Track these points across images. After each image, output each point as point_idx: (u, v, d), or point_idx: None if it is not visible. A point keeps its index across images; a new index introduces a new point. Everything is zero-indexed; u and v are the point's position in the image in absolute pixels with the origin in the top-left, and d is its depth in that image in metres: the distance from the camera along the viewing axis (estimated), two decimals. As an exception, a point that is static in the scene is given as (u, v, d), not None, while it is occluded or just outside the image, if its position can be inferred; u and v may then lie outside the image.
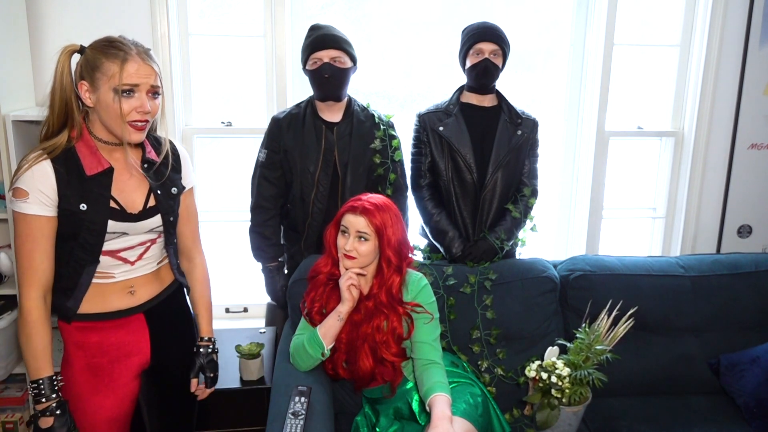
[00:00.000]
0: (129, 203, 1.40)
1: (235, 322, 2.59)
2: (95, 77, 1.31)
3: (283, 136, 1.99)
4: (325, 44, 1.91)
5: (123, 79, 1.29)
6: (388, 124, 2.08)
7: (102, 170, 1.36)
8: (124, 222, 1.39)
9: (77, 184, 1.33)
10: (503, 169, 2.05)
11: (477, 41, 1.99)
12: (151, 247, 1.48)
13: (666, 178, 2.81)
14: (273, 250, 2.09)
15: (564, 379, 1.62)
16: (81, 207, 1.32)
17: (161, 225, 1.46)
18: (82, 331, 1.42)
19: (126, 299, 1.46)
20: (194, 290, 1.63)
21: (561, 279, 2.09)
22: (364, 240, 1.60)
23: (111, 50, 1.31)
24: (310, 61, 1.94)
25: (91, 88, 1.32)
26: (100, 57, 1.31)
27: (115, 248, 1.40)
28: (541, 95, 2.75)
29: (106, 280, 1.42)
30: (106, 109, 1.32)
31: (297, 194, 2.00)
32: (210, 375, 1.62)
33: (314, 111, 2.01)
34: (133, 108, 1.32)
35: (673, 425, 1.88)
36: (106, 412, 1.45)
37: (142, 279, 1.48)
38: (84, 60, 1.33)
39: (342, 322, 1.63)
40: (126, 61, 1.30)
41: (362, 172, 2.01)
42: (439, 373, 1.61)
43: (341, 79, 1.94)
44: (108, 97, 1.30)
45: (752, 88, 2.63)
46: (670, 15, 2.68)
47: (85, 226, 1.34)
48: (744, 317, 2.11)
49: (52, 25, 2.24)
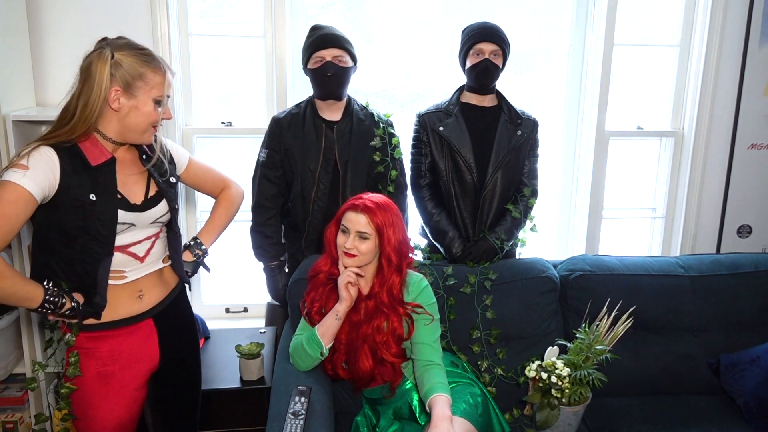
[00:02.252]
0: (131, 195, 1.42)
1: (235, 322, 2.59)
2: (135, 85, 1.34)
3: (283, 136, 2.00)
4: (327, 43, 1.92)
5: (166, 91, 1.38)
6: (387, 122, 2.09)
7: (106, 160, 1.37)
8: (131, 212, 1.40)
9: (84, 175, 1.33)
10: (503, 169, 2.04)
11: (477, 41, 1.99)
12: (156, 242, 1.50)
13: (666, 178, 2.81)
14: (274, 249, 2.09)
15: (564, 379, 1.62)
16: (91, 197, 1.33)
17: (166, 214, 1.48)
18: (93, 340, 1.43)
19: (135, 305, 1.47)
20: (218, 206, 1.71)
21: (561, 279, 2.09)
22: (364, 238, 1.61)
23: (149, 59, 1.36)
24: (312, 60, 1.95)
25: (125, 95, 1.34)
26: (143, 67, 1.34)
27: (125, 243, 1.42)
28: (541, 95, 2.75)
29: (118, 281, 1.43)
30: (138, 116, 1.36)
31: (298, 193, 2.01)
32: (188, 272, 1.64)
33: (314, 110, 2.02)
34: (161, 115, 1.41)
35: (673, 425, 1.88)
36: (116, 420, 1.47)
37: (150, 280, 1.50)
38: (119, 67, 1.33)
39: (340, 321, 1.63)
40: (166, 72, 1.38)
41: (362, 170, 2.02)
42: (440, 374, 1.61)
43: (343, 77, 1.95)
44: (148, 105, 1.36)
45: (752, 88, 2.63)
46: (670, 15, 2.68)
47: (96, 217, 1.34)
48: (744, 317, 2.11)
49: (52, 25, 2.24)
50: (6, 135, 2.00)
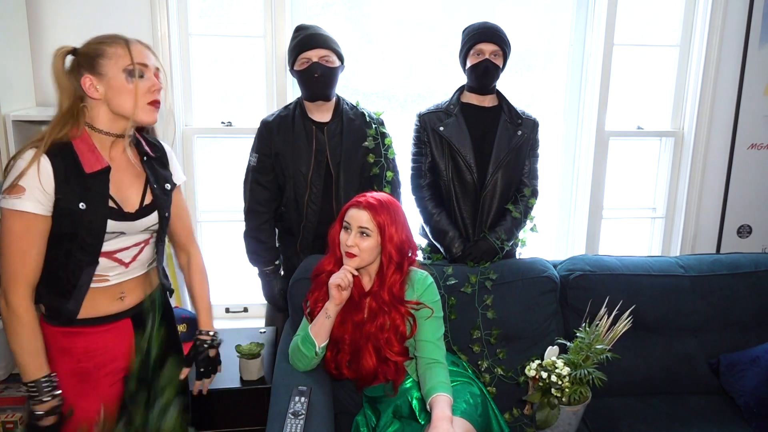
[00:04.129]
0: (125, 201, 1.39)
1: (235, 322, 2.59)
2: (99, 65, 1.30)
3: (273, 139, 1.98)
4: (313, 44, 1.91)
5: (135, 58, 1.31)
6: (378, 121, 2.08)
7: (101, 168, 1.34)
8: (123, 221, 1.38)
9: (76, 182, 1.31)
10: (503, 169, 2.04)
11: (477, 42, 1.99)
12: (145, 248, 1.47)
13: (666, 178, 2.81)
14: (269, 254, 2.08)
15: (564, 378, 1.62)
16: (80, 206, 1.31)
17: (156, 223, 1.46)
18: (68, 336, 1.40)
19: (115, 305, 1.44)
20: (194, 282, 1.64)
21: (561, 279, 2.09)
22: (366, 235, 1.61)
23: (107, 39, 1.32)
24: (298, 62, 1.94)
25: (97, 79, 1.31)
26: (100, 46, 1.31)
27: (112, 249, 1.39)
28: (541, 95, 2.75)
29: (100, 284, 1.40)
30: (119, 92, 1.31)
31: (291, 197, 2.00)
32: (201, 369, 1.61)
33: (303, 112, 2.01)
34: (147, 88, 1.33)
35: (673, 425, 1.88)
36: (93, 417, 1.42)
37: (133, 283, 1.47)
38: (81, 55, 1.32)
39: (331, 320, 1.63)
40: (129, 42, 1.32)
41: (355, 171, 2.01)
42: (442, 373, 1.61)
43: (331, 78, 1.94)
44: (120, 79, 1.31)
45: (752, 88, 2.63)
46: (670, 15, 2.68)
47: (84, 225, 1.32)
48: (744, 317, 2.11)
49: (52, 25, 2.24)
50: (6, 135, 2.00)
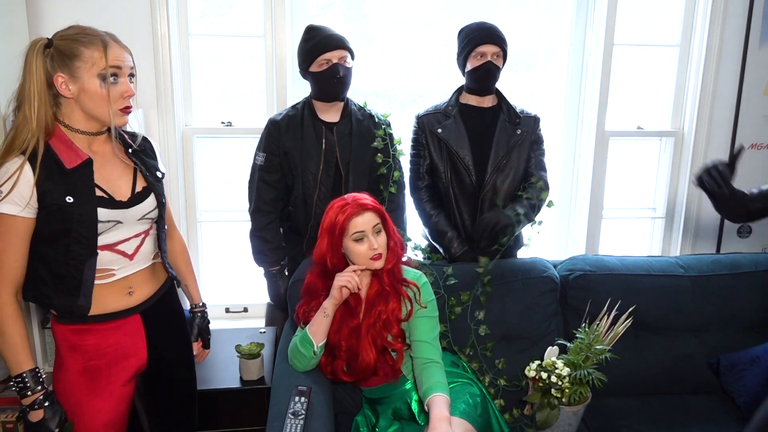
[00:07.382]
0: (116, 191, 1.39)
1: (235, 322, 2.59)
2: (74, 66, 1.29)
3: (282, 138, 1.98)
4: (333, 45, 1.90)
5: (110, 62, 1.30)
6: (386, 122, 2.08)
7: (81, 162, 1.34)
8: (116, 209, 1.37)
9: (59, 178, 1.31)
10: (502, 170, 2.04)
11: (479, 44, 1.97)
12: (146, 239, 1.47)
13: (666, 178, 2.81)
14: (275, 254, 2.08)
15: (564, 378, 1.62)
16: (67, 200, 1.30)
17: (154, 209, 1.46)
18: (78, 333, 1.40)
19: (124, 300, 1.45)
20: (178, 262, 1.69)
21: (561, 279, 2.09)
22: (379, 231, 1.63)
23: (86, 37, 1.30)
24: (316, 63, 1.92)
25: (70, 79, 1.30)
26: (77, 46, 1.29)
27: (112, 241, 1.39)
28: (541, 95, 2.75)
29: (107, 279, 1.41)
30: (92, 98, 1.31)
31: (299, 196, 2.00)
32: (208, 336, 1.73)
33: (312, 112, 2.01)
34: (120, 94, 1.33)
35: (673, 425, 1.88)
36: (104, 416, 1.44)
37: (140, 277, 1.47)
38: (56, 51, 1.30)
39: (329, 318, 1.63)
40: (108, 45, 1.31)
41: (364, 171, 2.01)
42: (438, 373, 1.61)
43: (350, 78, 1.95)
44: (93, 84, 1.30)
45: (752, 88, 2.63)
46: (670, 15, 2.68)
47: (75, 218, 1.32)
48: (744, 317, 2.11)
49: (52, 25, 2.23)
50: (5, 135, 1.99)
